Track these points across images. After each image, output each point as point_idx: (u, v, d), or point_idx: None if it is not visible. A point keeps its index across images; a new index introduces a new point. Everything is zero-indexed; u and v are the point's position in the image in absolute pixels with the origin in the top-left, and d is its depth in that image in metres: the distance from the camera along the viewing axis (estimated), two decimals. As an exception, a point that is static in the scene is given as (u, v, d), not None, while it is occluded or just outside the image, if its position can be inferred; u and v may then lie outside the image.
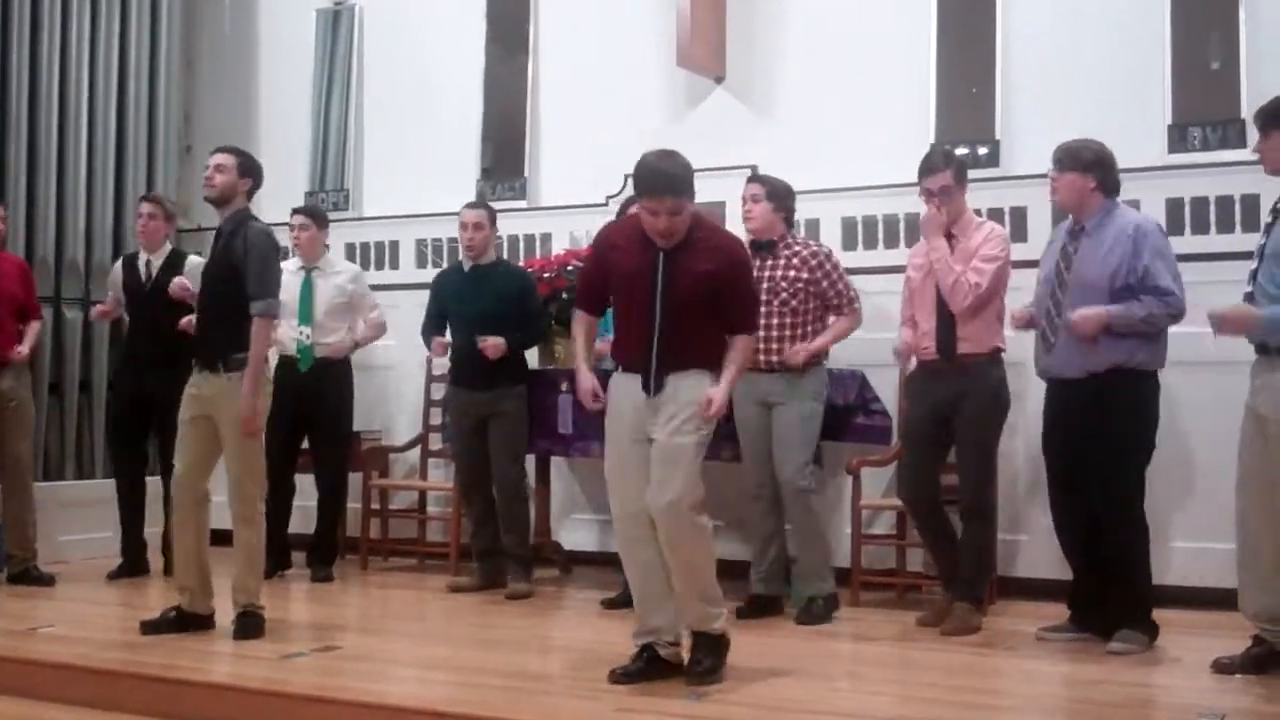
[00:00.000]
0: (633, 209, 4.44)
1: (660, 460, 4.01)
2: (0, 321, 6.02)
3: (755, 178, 5.46)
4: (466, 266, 6.06)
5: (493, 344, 5.74)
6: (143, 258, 6.35)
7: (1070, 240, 4.73)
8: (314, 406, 6.22)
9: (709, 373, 4.08)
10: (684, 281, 4.04)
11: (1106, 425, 4.54)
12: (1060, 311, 4.66)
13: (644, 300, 4.08)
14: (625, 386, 4.14)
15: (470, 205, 6.13)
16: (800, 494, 5.21)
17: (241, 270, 4.77)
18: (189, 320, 5.80)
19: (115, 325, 6.95)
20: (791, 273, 5.27)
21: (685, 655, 4.12)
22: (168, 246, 6.38)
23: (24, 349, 6.11)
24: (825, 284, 5.30)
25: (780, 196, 5.33)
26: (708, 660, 4.06)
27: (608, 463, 4.17)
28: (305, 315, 6.29)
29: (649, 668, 4.08)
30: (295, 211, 6.48)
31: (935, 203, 5.00)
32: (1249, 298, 4.19)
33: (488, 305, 5.88)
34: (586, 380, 4.20)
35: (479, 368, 5.85)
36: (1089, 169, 4.65)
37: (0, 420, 6.01)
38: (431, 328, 6.07)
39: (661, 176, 4.00)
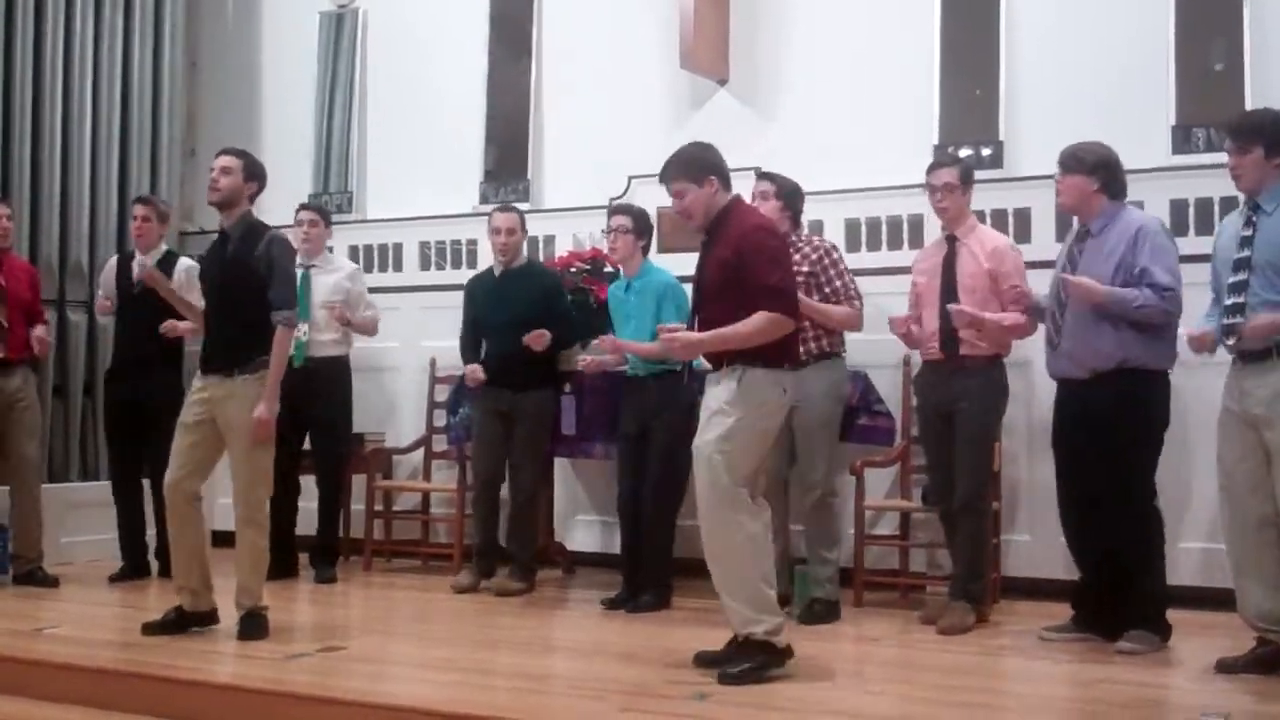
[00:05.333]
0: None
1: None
2: (11, 323, 6.03)
3: (765, 175, 5.41)
4: (497, 271, 6.05)
5: (537, 335, 5.73)
6: (137, 259, 6.36)
7: (1076, 243, 4.75)
8: (311, 405, 6.16)
9: (742, 369, 4.04)
10: (708, 267, 4.18)
11: (1113, 424, 4.54)
12: (1064, 314, 4.67)
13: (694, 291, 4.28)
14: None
15: (502, 209, 6.10)
16: (823, 498, 5.25)
17: (259, 277, 4.73)
18: (171, 324, 5.83)
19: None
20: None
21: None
22: (162, 248, 6.38)
23: (44, 338, 6.13)
24: (823, 278, 5.30)
25: (788, 195, 5.34)
26: (741, 664, 4.03)
27: None
28: (303, 311, 6.26)
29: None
30: (303, 207, 6.53)
31: (937, 198, 5.02)
32: (1238, 310, 4.16)
33: (518, 310, 5.85)
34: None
35: (513, 371, 5.84)
36: (1092, 171, 4.65)
37: (8, 421, 6.03)
38: (470, 343, 6.06)
39: (665, 165, 4.23)
